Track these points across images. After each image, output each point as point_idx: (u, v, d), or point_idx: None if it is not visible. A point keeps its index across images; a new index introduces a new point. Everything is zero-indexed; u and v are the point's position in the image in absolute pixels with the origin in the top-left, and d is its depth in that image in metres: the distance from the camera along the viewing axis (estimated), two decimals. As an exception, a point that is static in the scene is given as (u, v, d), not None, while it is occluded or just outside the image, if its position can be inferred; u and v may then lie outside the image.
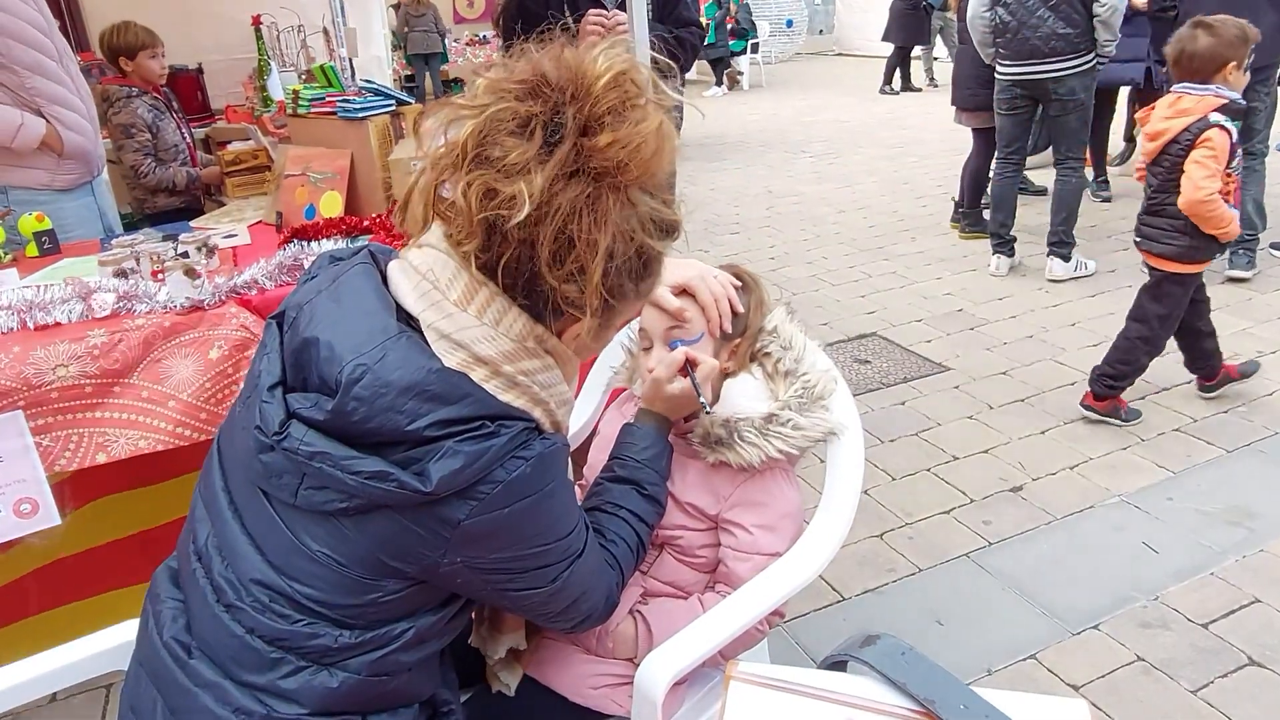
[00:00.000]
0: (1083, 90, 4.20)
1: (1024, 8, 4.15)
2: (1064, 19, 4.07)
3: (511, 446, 0.86)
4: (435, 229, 0.93)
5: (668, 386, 1.24)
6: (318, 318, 0.89)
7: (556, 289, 0.86)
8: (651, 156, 0.86)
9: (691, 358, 1.25)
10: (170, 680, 0.92)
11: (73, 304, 1.76)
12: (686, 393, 1.24)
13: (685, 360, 1.24)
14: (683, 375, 1.24)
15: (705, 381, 1.26)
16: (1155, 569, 2.36)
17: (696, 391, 1.23)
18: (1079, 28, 4.07)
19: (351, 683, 0.90)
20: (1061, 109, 4.27)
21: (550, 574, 0.98)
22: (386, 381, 0.83)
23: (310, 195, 2.39)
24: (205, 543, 0.95)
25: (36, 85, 2.56)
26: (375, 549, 0.87)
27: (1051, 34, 4.10)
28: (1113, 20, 4.01)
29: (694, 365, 1.25)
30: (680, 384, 1.24)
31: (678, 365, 1.24)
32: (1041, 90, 4.27)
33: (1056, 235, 4.45)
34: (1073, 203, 4.40)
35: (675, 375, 1.24)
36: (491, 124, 0.84)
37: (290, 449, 0.85)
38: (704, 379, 1.25)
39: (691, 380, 1.24)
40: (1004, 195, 4.66)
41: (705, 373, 1.25)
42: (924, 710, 0.89)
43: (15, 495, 1.64)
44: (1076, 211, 4.43)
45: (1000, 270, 4.65)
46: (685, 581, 1.32)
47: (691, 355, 1.25)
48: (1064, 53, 4.11)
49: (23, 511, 1.65)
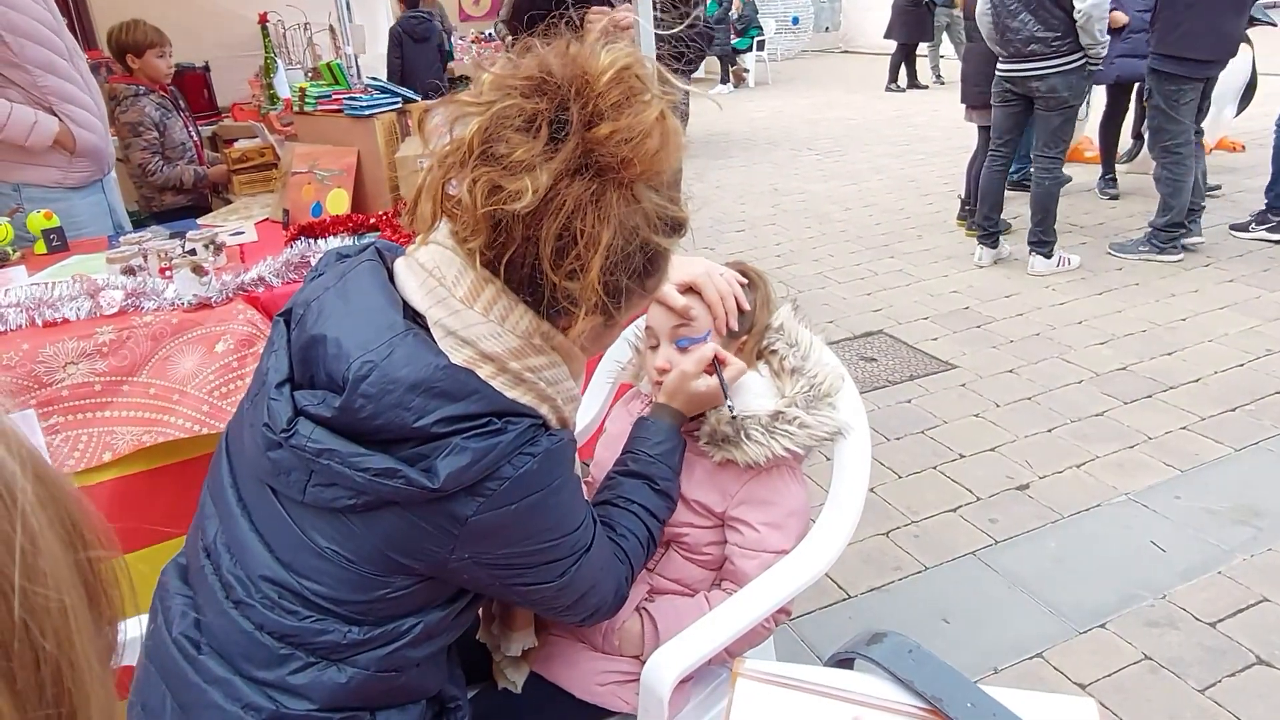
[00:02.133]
0: (1066, 89, 4.21)
1: (1006, 9, 4.19)
2: (1042, 22, 4.10)
3: (519, 443, 0.86)
4: (442, 227, 0.93)
5: (694, 383, 1.24)
6: (325, 315, 0.89)
7: (558, 285, 0.86)
8: (657, 152, 0.86)
9: (721, 356, 1.25)
10: (180, 676, 0.92)
11: (81, 301, 1.77)
12: (713, 390, 1.23)
13: (714, 358, 1.24)
14: (709, 373, 1.24)
15: (732, 381, 1.26)
16: (1163, 568, 2.35)
17: (724, 391, 1.23)
18: (1057, 30, 4.08)
19: (360, 678, 0.90)
20: (1045, 106, 4.31)
21: (558, 569, 0.98)
22: (394, 378, 0.83)
23: (317, 193, 2.40)
24: (214, 539, 0.96)
25: (49, 84, 2.57)
26: (383, 546, 0.87)
27: (1031, 36, 4.15)
28: (1090, 26, 4.01)
29: (723, 363, 1.25)
30: (707, 381, 1.24)
31: (706, 362, 1.24)
32: (1026, 87, 4.32)
33: (1035, 235, 4.54)
34: (1048, 203, 4.46)
35: (702, 372, 1.24)
36: (497, 121, 0.84)
37: (298, 446, 0.85)
38: (732, 378, 1.25)
39: (719, 378, 1.23)
40: (991, 187, 4.70)
41: (734, 372, 1.25)
42: (931, 708, 0.89)
43: None
44: (1054, 210, 4.49)
45: (984, 261, 4.73)
46: (692, 579, 1.32)
47: (721, 354, 1.25)
48: (1043, 54, 4.15)
49: None
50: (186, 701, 0.91)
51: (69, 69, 2.64)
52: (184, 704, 0.91)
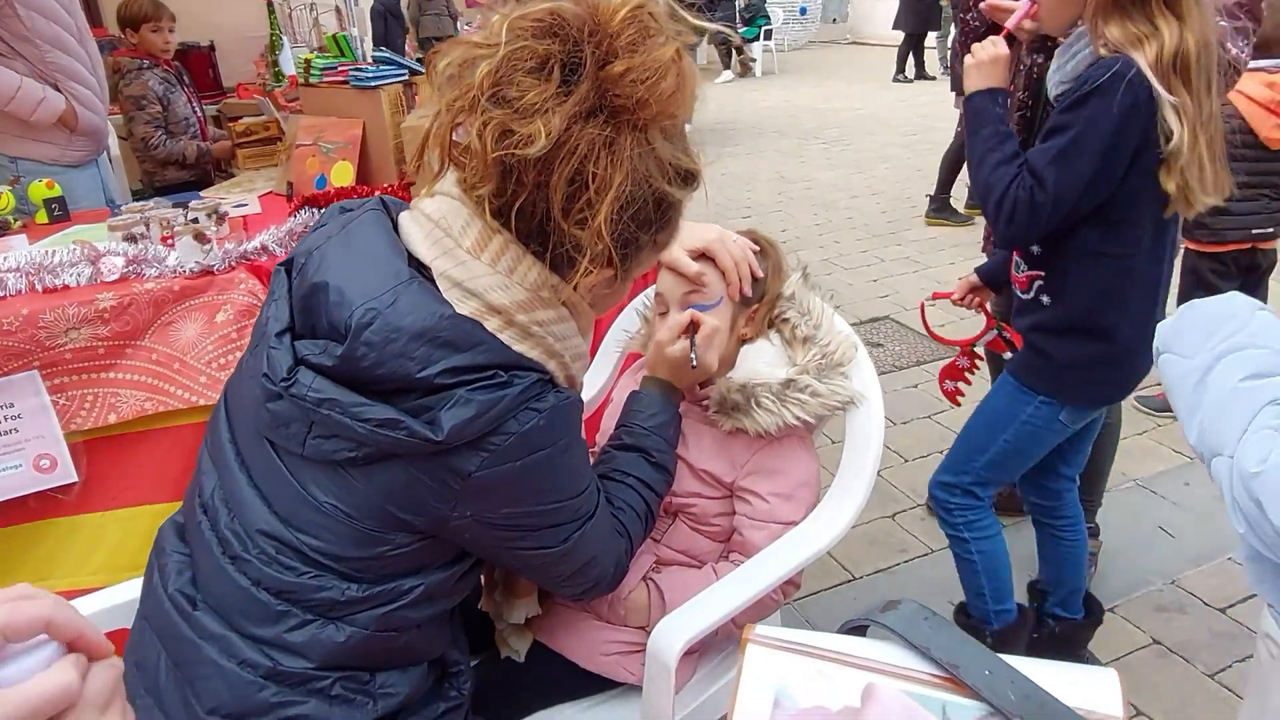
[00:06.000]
0: None
1: None
2: None
3: (525, 398, 0.84)
4: (449, 176, 0.90)
5: (668, 349, 1.21)
6: (327, 262, 0.87)
7: (567, 233, 0.84)
8: (672, 93, 0.83)
9: (696, 318, 1.22)
10: (175, 633, 0.90)
11: (81, 267, 1.74)
12: (683, 353, 1.21)
13: (690, 322, 1.21)
14: (683, 336, 1.22)
15: (705, 342, 1.22)
16: (1172, 553, 2.33)
17: (691, 349, 1.20)
18: None
19: (359, 638, 0.88)
20: None
21: (561, 534, 0.95)
22: (397, 326, 0.80)
23: (321, 165, 2.37)
24: (211, 495, 0.93)
25: (56, 60, 2.55)
26: (384, 500, 0.85)
27: None
28: None
29: (695, 327, 1.22)
30: (680, 345, 1.21)
31: (681, 327, 1.21)
32: None
33: None
34: None
35: (676, 337, 1.21)
36: (508, 63, 0.81)
37: (298, 396, 0.82)
38: (704, 339, 1.22)
39: (690, 341, 1.21)
40: None
41: (706, 333, 1.22)
42: (947, 675, 0.86)
43: (35, 451, 1.65)
44: None
45: None
46: (699, 550, 1.30)
47: (697, 316, 1.22)
48: None
49: (42, 467, 1.66)
50: (182, 658, 0.89)
51: (77, 47, 2.62)
52: (179, 661, 0.89)
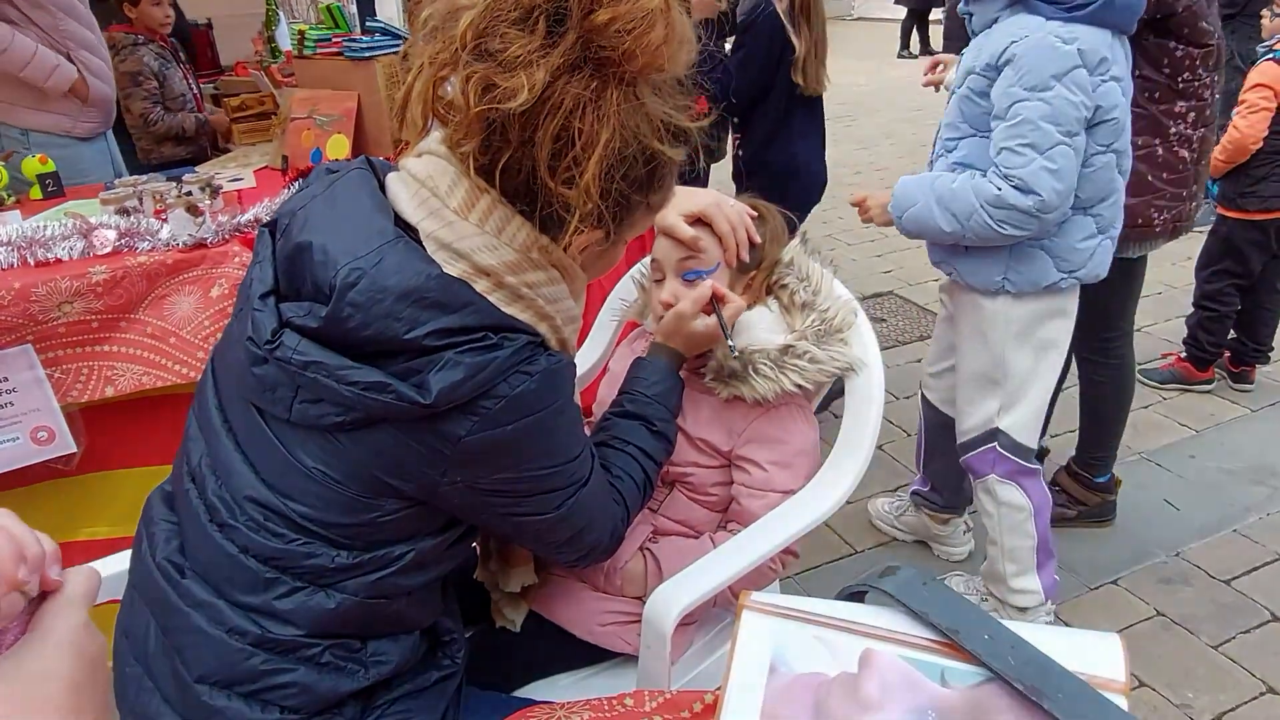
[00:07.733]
0: None
1: None
2: None
3: (516, 360, 0.82)
4: (433, 134, 0.88)
5: (692, 323, 1.18)
6: (312, 222, 0.85)
7: (555, 192, 0.81)
8: (660, 44, 0.80)
9: (719, 293, 1.19)
10: (163, 601, 0.89)
11: (74, 240, 1.72)
12: (711, 329, 1.18)
13: (712, 296, 1.19)
14: (707, 313, 1.19)
15: (732, 320, 1.20)
16: (1177, 526, 2.31)
17: (724, 330, 1.18)
18: None
19: (349, 605, 0.87)
20: None
21: (554, 500, 0.94)
22: (383, 286, 0.78)
23: (316, 138, 2.34)
24: (199, 463, 0.92)
25: (68, 29, 2.53)
26: (372, 466, 0.83)
27: None
28: None
29: (721, 301, 1.19)
30: (705, 321, 1.18)
31: (703, 301, 1.18)
32: None
33: None
34: None
35: (700, 311, 1.19)
36: (492, 15, 0.79)
37: (283, 359, 0.81)
38: (731, 317, 1.20)
39: (718, 317, 1.18)
40: None
41: (733, 311, 1.20)
42: (947, 640, 0.84)
43: (32, 423, 1.65)
44: None
45: None
46: (696, 520, 1.28)
47: (719, 290, 1.20)
48: None
49: (40, 439, 1.66)
50: (170, 626, 0.88)
51: (88, 14, 2.60)
52: (168, 629, 0.88)
